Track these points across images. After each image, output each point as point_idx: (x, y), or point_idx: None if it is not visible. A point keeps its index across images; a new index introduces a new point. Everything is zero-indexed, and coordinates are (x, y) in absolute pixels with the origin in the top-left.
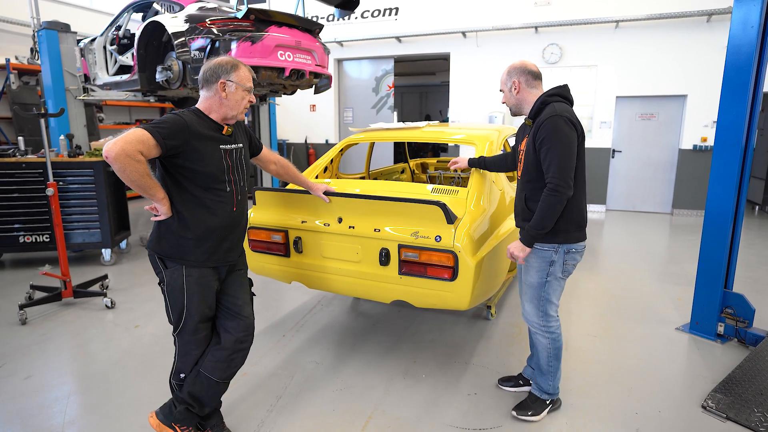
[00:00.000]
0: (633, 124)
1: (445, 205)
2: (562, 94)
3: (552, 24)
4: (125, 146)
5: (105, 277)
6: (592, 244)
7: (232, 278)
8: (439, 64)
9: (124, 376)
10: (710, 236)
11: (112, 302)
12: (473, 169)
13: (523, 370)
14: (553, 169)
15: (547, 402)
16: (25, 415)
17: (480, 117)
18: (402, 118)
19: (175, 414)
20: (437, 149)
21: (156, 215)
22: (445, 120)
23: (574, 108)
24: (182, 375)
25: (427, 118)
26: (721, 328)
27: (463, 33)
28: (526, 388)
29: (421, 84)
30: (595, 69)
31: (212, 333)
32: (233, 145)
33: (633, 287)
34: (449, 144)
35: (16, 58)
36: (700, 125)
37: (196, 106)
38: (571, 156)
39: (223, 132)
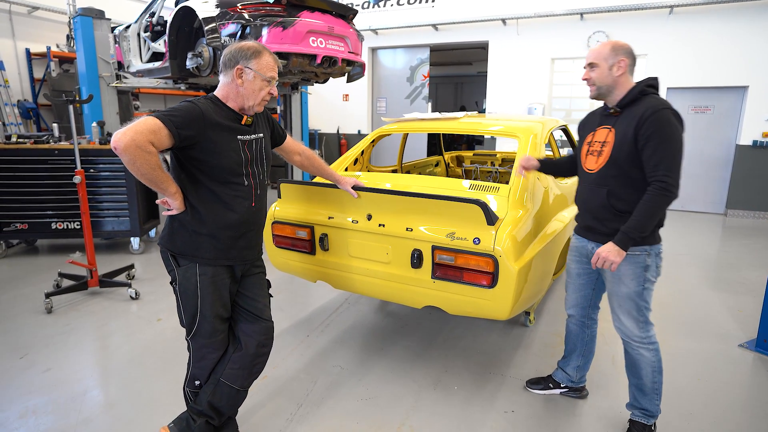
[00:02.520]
0: (685, 118)
1: (485, 204)
2: (656, 86)
3: (599, 10)
4: (135, 136)
5: (131, 266)
6: None
7: (251, 280)
8: (476, 53)
9: (142, 374)
10: None
11: (136, 293)
12: (517, 161)
13: (553, 373)
14: (664, 167)
15: (653, 426)
16: (40, 412)
17: (519, 108)
18: (436, 109)
19: (194, 429)
20: (472, 141)
21: (168, 209)
22: (482, 111)
23: None
24: (197, 382)
25: (462, 109)
26: None
27: (503, 20)
28: (556, 392)
29: (457, 74)
30: (645, 59)
31: (229, 337)
32: (253, 136)
33: (685, 295)
34: (485, 136)
35: (57, 46)
36: (761, 119)
37: (214, 93)
38: (681, 153)
39: (242, 122)
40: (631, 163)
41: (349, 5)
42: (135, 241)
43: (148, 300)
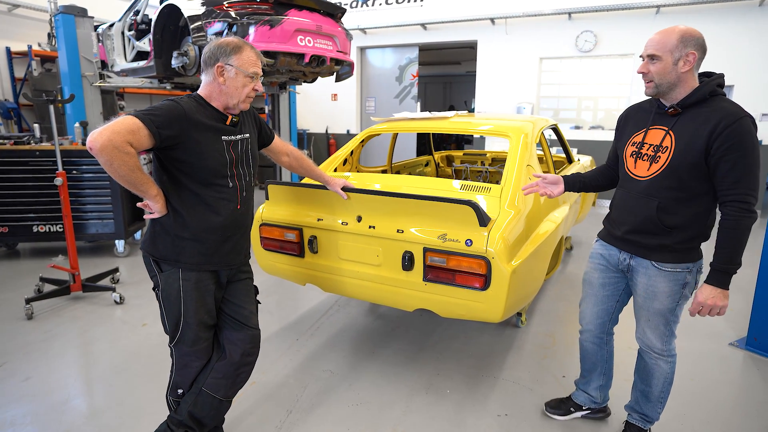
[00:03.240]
0: None
1: (477, 205)
2: (722, 85)
3: (587, 9)
4: (112, 136)
5: (116, 270)
6: None
7: (238, 286)
8: (465, 52)
9: (126, 382)
10: None
11: (121, 297)
12: (509, 162)
13: (573, 394)
14: (746, 185)
15: (649, 431)
16: (19, 423)
17: (508, 108)
18: (425, 109)
19: None
20: (460, 141)
21: (150, 213)
22: (471, 110)
23: (605, 102)
24: (180, 391)
25: (451, 108)
26: None
27: (492, 20)
28: (578, 415)
29: (446, 74)
30: (632, 58)
31: (213, 344)
32: (238, 136)
33: None
34: (475, 136)
35: (39, 45)
36: None
37: (198, 92)
38: (760, 166)
39: (227, 122)
40: (694, 175)
41: (338, 4)
42: (120, 244)
43: (132, 304)
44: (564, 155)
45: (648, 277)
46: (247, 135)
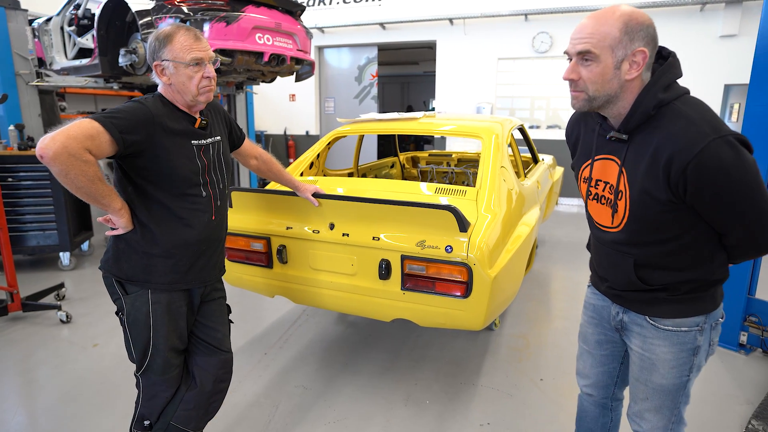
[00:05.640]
0: None
1: (457, 210)
2: (678, 78)
3: (542, 11)
4: (67, 142)
5: (61, 285)
6: (575, 238)
7: (211, 307)
8: (423, 53)
9: (77, 410)
10: None
11: (67, 316)
12: (482, 164)
13: None
14: (754, 233)
15: None
16: None
17: (467, 108)
18: (383, 109)
19: None
20: (420, 141)
21: (112, 228)
22: (430, 110)
23: (558, 101)
24: (147, 422)
25: (409, 108)
26: (743, 338)
27: (450, 20)
28: None
29: (403, 74)
30: None
31: (183, 371)
32: (209, 140)
33: None
34: (436, 136)
35: None
36: None
37: (159, 90)
38: (763, 191)
39: (196, 125)
40: (666, 224)
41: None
42: (65, 257)
43: (81, 323)
44: (530, 155)
45: (643, 339)
46: (219, 138)
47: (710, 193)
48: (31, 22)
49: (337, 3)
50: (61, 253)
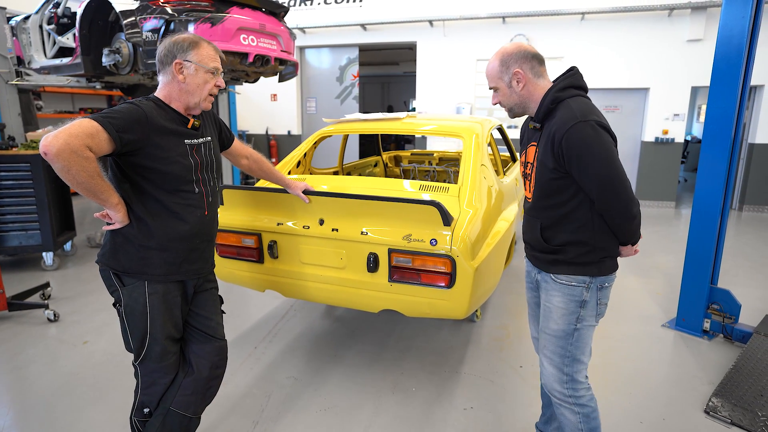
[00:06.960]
0: None
1: (441, 205)
2: (575, 85)
3: (519, 14)
4: (70, 140)
5: (47, 285)
6: None
7: (204, 297)
8: (403, 53)
9: (71, 405)
10: (698, 231)
11: (55, 315)
12: (464, 162)
13: None
14: (609, 198)
15: None
16: None
17: (447, 108)
18: (364, 109)
19: None
20: (400, 141)
21: (110, 223)
22: (411, 111)
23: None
24: (147, 410)
25: (390, 109)
26: (707, 325)
27: (430, 22)
28: None
29: (384, 74)
30: (562, 61)
31: (180, 358)
32: (201, 140)
33: None
34: (417, 136)
35: None
36: (661, 118)
37: (155, 94)
38: (618, 168)
39: (188, 125)
40: (557, 190)
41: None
42: (48, 256)
43: (69, 321)
44: (509, 154)
45: (546, 292)
46: (209, 138)
47: (576, 159)
48: (8, 19)
49: (319, 4)
50: (44, 253)
